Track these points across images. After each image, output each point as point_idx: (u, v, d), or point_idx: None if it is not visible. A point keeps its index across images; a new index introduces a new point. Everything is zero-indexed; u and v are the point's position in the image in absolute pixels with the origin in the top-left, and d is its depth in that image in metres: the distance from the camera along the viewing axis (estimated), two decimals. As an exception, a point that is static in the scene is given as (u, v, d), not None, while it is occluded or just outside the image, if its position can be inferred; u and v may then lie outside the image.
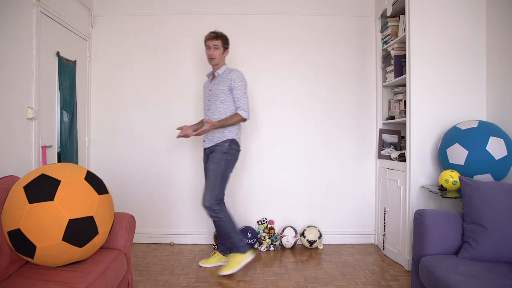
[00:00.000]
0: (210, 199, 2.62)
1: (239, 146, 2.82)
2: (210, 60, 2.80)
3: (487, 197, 1.88)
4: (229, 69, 2.83)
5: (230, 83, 2.72)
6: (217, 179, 2.66)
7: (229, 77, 2.73)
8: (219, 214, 2.64)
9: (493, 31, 2.62)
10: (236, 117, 2.70)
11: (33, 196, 1.59)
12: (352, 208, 3.49)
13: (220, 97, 2.74)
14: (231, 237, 2.68)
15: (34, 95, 2.50)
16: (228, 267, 2.63)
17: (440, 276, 1.67)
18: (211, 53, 2.78)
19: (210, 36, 2.79)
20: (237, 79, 2.72)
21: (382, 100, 3.42)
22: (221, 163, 2.67)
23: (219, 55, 2.79)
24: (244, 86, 2.76)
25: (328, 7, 3.49)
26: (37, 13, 2.52)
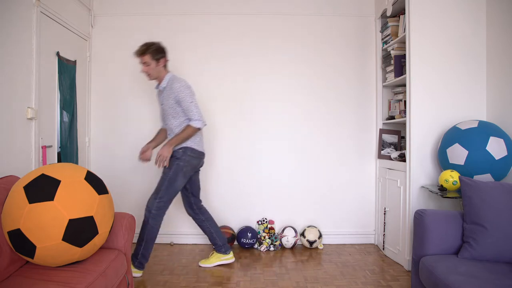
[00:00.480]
0: (153, 200, 2.60)
1: (196, 153, 2.72)
2: (147, 77, 2.69)
3: (487, 197, 1.88)
4: (172, 80, 2.65)
5: (174, 96, 2.60)
6: (164, 183, 2.62)
7: (172, 91, 2.60)
8: (150, 218, 2.58)
9: (493, 31, 2.62)
10: (189, 130, 2.60)
11: (33, 196, 1.59)
12: (352, 208, 3.49)
13: (170, 112, 2.65)
14: (140, 245, 2.58)
15: (34, 95, 2.50)
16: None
17: (440, 276, 1.67)
18: (143, 70, 2.66)
19: (136, 53, 2.64)
20: (181, 90, 2.59)
21: (382, 100, 3.42)
22: (171, 168, 2.62)
23: (153, 69, 2.64)
24: (190, 95, 2.61)
25: (328, 7, 3.49)
26: (37, 13, 2.52)
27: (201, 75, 3.48)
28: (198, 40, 3.48)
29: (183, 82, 2.63)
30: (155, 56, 2.63)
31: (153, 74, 2.66)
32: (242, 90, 3.48)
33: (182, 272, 2.75)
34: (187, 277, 2.65)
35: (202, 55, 3.48)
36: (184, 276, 2.67)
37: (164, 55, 2.69)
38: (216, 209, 3.45)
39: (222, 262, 2.87)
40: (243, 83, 3.49)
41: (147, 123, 3.48)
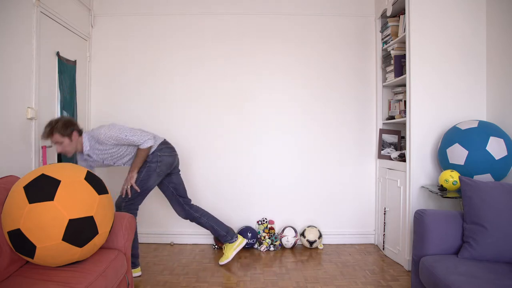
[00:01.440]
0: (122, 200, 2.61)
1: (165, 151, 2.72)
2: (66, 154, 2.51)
3: (487, 197, 1.88)
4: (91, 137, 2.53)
5: (111, 143, 2.53)
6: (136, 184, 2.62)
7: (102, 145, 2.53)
8: None
9: (493, 30, 2.62)
10: (142, 153, 2.59)
11: (33, 196, 1.59)
12: (352, 208, 3.49)
13: (116, 155, 2.62)
14: None
15: (34, 95, 2.50)
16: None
17: (440, 276, 1.67)
18: (60, 151, 2.46)
19: (44, 136, 2.41)
20: (109, 135, 2.49)
21: (382, 100, 3.42)
22: (142, 170, 2.64)
23: (68, 145, 2.43)
24: (117, 134, 2.50)
25: (328, 7, 3.49)
26: (37, 13, 2.52)
27: (201, 74, 3.48)
28: (198, 40, 3.48)
29: (103, 130, 2.51)
30: (64, 132, 2.40)
31: (71, 149, 2.48)
32: (241, 90, 3.48)
33: (182, 272, 2.75)
34: (187, 277, 2.65)
35: (202, 55, 3.47)
36: (184, 276, 2.67)
37: (74, 127, 2.46)
38: (216, 209, 3.44)
39: (237, 250, 2.90)
40: (242, 83, 3.48)
41: (147, 123, 3.47)
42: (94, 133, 2.54)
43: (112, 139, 2.51)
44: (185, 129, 3.48)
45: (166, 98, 3.48)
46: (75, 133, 2.46)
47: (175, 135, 3.45)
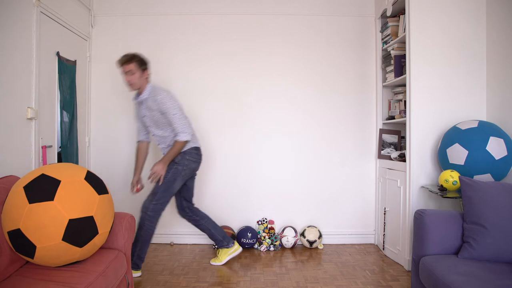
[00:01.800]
0: (149, 202, 2.59)
1: (196, 156, 2.74)
2: (129, 86, 2.62)
3: (487, 197, 1.88)
4: (154, 90, 2.61)
5: (157, 108, 2.57)
6: (161, 186, 2.61)
7: (156, 103, 2.57)
8: (146, 220, 2.58)
9: (493, 31, 2.62)
10: (178, 145, 2.59)
11: (33, 196, 1.59)
12: (352, 208, 3.49)
13: (160, 122, 2.63)
14: (136, 246, 2.57)
15: (34, 95, 2.50)
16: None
17: (440, 276, 1.67)
18: (127, 79, 2.58)
19: (122, 61, 2.57)
20: (164, 102, 2.55)
21: (382, 100, 3.42)
22: (170, 171, 2.63)
23: (137, 79, 2.58)
24: (174, 106, 2.58)
25: (328, 7, 3.49)
26: (37, 13, 2.52)
27: (200, 74, 3.48)
28: (198, 40, 3.48)
29: (165, 93, 2.58)
30: (141, 66, 2.60)
31: (137, 84, 2.60)
32: (241, 90, 3.48)
33: (182, 272, 2.75)
34: (187, 277, 2.65)
35: (201, 55, 3.47)
36: (184, 276, 2.67)
37: (147, 67, 2.65)
38: (216, 209, 3.45)
39: (232, 256, 2.89)
40: (242, 83, 3.48)
41: (147, 123, 3.48)
42: (157, 88, 2.63)
43: (164, 104, 2.54)
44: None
45: (166, 98, 3.47)
46: (146, 72, 2.63)
47: (175, 135, 3.46)
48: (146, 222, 2.58)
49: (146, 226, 2.58)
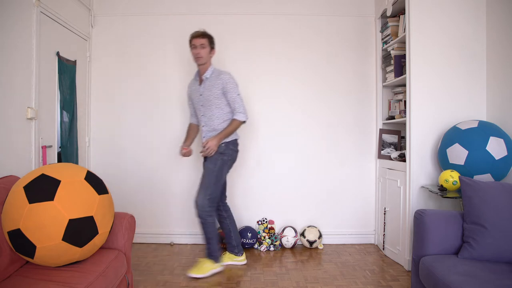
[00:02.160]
0: (203, 198, 2.61)
1: (237, 146, 2.80)
2: (197, 59, 2.69)
3: (487, 197, 1.88)
4: (217, 71, 2.74)
5: (222, 87, 2.65)
6: (211, 179, 2.65)
7: (219, 80, 2.66)
8: (207, 216, 2.63)
9: (493, 31, 2.62)
10: (235, 124, 2.66)
11: (33, 196, 1.59)
12: (352, 208, 3.49)
13: (214, 102, 2.68)
14: (210, 243, 2.67)
15: (34, 95, 2.49)
16: (198, 270, 2.63)
17: (440, 276, 1.67)
18: (197, 51, 2.67)
19: (196, 34, 2.69)
20: (229, 81, 2.65)
21: (382, 100, 3.42)
22: (216, 163, 2.66)
23: (206, 54, 2.69)
24: (237, 87, 2.69)
25: (328, 7, 3.49)
26: (37, 13, 2.52)
27: (201, 75, 3.48)
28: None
29: (231, 75, 2.70)
30: (211, 43, 2.73)
31: (204, 58, 2.69)
32: (240, 91, 3.47)
33: (182, 272, 2.75)
34: (187, 277, 2.65)
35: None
36: (184, 276, 2.67)
37: (214, 48, 2.77)
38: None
39: (234, 263, 2.88)
40: (242, 83, 3.47)
41: (147, 123, 3.48)
42: (220, 69, 2.75)
43: (229, 83, 2.64)
44: (184, 128, 3.48)
45: (166, 98, 3.48)
46: (214, 51, 2.77)
47: (175, 135, 3.46)
48: (208, 219, 2.64)
49: (209, 221, 2.65)
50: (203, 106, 2.74)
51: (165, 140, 3.47)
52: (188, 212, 3.46)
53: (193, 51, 2.70)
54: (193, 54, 2.70)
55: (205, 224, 2.64)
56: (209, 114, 2.71)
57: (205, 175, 2.68)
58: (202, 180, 2.69)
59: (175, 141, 3.46)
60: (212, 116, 2.71)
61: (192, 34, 2.72)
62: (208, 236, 2.67)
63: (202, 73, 2.74)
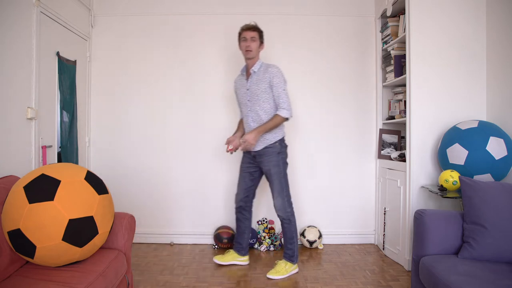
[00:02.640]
0: (283, 201, 2.66)
1: (285, 142, 2.78)
2: (247, 52, 2.65)
3: (487, 197, 1.88)
4: (266, 64, 2.70)
5: (269, 80, 2.61)
6: (283, 181, 2.67)
7: (267, 73, 2.62)
8: (290, 216, 2.69)
9: (493, 31, 2.62)
10: (277, 120, 2.60)
11: (33, 196, 1.59)
12: (352, 208, 3.49)
13: (262, 96, 2.63)
14: (293, 242, 2.70)
15: (34, 95, 2.49)
16: (278, 272, 2.64)
17: (440, 276, 1.67)
18: (247, 44, 2.63)
19: (247, 27, 2.68)
20: (277, 75, 2.61)
21: (382, 100, 3.42)
22: (279, 164, 2.67)
23: (256, 48, 2.66)
24: (284, 83, 2.64)
25: (328, 7, 3.49)
26: (37, 13, 2.52)
27: (201, 75, 3.48)
28: (198, 40, 3.48)
29: (279, 69, 2.66)
30: (261, 37, 2.71)
31: (254, 51, 2.66)
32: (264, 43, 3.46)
33: (182, 272, 2.75)
34: (187, 277, 2.65)
35: (202, 55, 3.47)
36: (184, 276, 2.67)
37: (263, 42, 2.75)
38: (216, 209, 3.45)
39: (237, 263, 2.87)
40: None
41: (147, 123, 3.48)
42: (267, 63, 2.71)
43: (277, 77, 2.60)
44: (185, 129, 3.48)
45: (166, 98, 3.48)
46: (263, 45, 2.75)
47: (176, 135, 3.46)
48: (292, 218, 2.70)
49: (293, 221, 2.71)
50: (250, 101, 2.69)
51: (165, 140, 3.47)
52: (188, 212, 3.47)
53: (242, 43, 2.68)
54: (243, 47, 2.67)
55: (290, 225, 2.70)
56: (256, 108, 2.66)
57: (275, 180, 2.66)
58: (271, 186, 2.69)
59: (175, 140, 3.47)
60: (259, 111, 2.66)
61: (242, 26, 2.70)
62: (291, 235, 2.71)
63: (250, 67, 2.70)
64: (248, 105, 2.71)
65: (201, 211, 3.47)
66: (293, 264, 2.70)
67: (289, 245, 2.71)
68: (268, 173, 2.69)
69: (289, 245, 2.71)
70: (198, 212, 3.44)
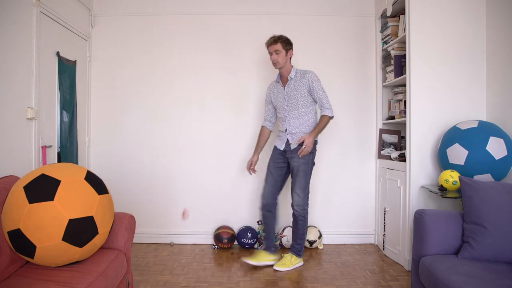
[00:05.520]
0: (303, 198, 2.75)
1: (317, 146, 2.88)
2: (275, 65, 2.79)
3: (487, 197, 1.88)
4: (300, 71, 2.81)
5: (308, 85, 2.73)
6: (307, 179, 2.78)
7: (305, 79, 2.74)
8: (306, 214, 2.79)
9: (493, 31, 2.62)
10: (326, 120, 2.73)
11: (33, 196, 1.59)
12: (352, 208, 3.49)
13: (300, 101, 2.76)
14: (303, 238, 2.83)
15: (34, 95, 2.50)
16: (284, 265, 2.79)
17: (440, 276, 1.67)
18: (273, 58, 2.76)
19: (269, 41, 2.78)
20: (315, 79, 2.74)
21: (382, 100, 3.42)
22: (309, 163, 2.77)
23: (283, 58, 2.76)
24: (322, 85, 2.77)
25: (328, 7, 3.49)
26: (37, 13, 2.52)
27: (201, 75, 3.48)
28: (198, 40, 3.48)
29: (314, 73, 2.77)
30: (286, 46, 2.76)
31: (281, 62, 2.75)
32: (240, 91, 3.48)
33: (182, 272, 2.75)
34: (187, 277, 2.66)
35: (202, 55, 3.47)
36: (184, 276, 2.67)
37: (292, 48, 2.81)
38: (216, 209, 3.45)
39: (269, 263, 2.85)
40: (241, 84, 3.48)
41: (147, 123, 3.48)
42: (303, 70, 2.81)
43: (316, 81, 2.73)
44: (185, 129, 3.48)
45: (166, 98, 3.48)
46: (290, 52, 2.80)
47: (176, 135, 3.46)
48: (307, 216, 2.81)
49: (307, 219, 2.82)
50: (288, 105, 2.81)
51: (165, 140, 3.47)
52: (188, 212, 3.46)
53: (270, 57, 2.79)
54: (271, 60, 2.79)
55: (305, 222, 2.80)
56: (294, 112, 2.79)
57: (301, 177, 2.75)
58: (296, 181, 2.77)
59: (175, 140, 3.47)
60: (297, 115, 2.79)
61: (266, 41, 2.79)
62: (302, 232, 2.81)
63: (286, 75, 2.82)
64: (286, 109, 2.83)
65: (201, 211, 3.47)
66: (298, 258, 2.83)
67: (299, 241, 2.83)
68: (296, 169, 2.77)
69: (299, 241, 2.83)
70: (198, 212, 3.43)
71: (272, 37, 2.77)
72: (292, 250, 2.86)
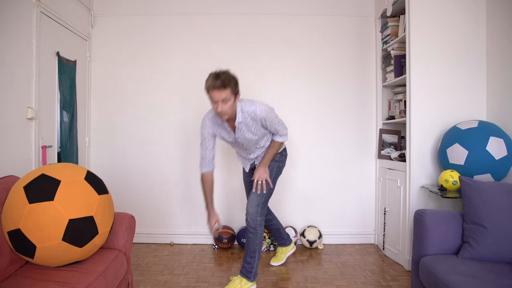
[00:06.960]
0: (257, 208, 2.39)
1: (286, 150, 2.66)
2: (221, 117, 2.17)
3: (487, 197, 1.88)
4: (246, 110, 2.23)
5: (261, 122, 2.28)
6: (269, 191, 2.47)
7: (255, 119, 2.25)
8: (257, 226, 2.38)
9: (493, 31, 2.62)
10: (277, 147, 2.45)
11: (33, 196, 1.59)
12: (352, 208, 3.49)
13: (258, 137, 2.38)
14: (254, 256, 2.38)
15: (34, 95, 2.50)
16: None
17: (440, 276, 1.67)
18: (220, 110, 2.10)
19: (213, 85, 2.06)
20: (267, 116, 2.26)
21: (382, 100, 3.42)
22: (272, 171, 2.55)
23: (231, 107, 2.14)
24: (274, 114, 2.34)
25: (328, 7, 3.49)
26: (37, 13, 2.52)
27: (202, 76, 3.48)
28: (199, 40, 3.48)
29: (265, 106, 2.26)
30: (235, 89, 2.13)
31: (230, 112, 2.15)
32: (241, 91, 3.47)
33: (182, 272, 2.75)
34: (187, 277, 2.66)
35: (202, 55, 3.47)
36: (184, 276, 2.67)
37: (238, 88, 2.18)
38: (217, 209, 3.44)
39: (290, 253, 2.96)
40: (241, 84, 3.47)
41: (147, 123, 3.48)
42: (246, 103, 2.23)
43: (267, 118, 2.25)
44: (185, 129, 3.48)
45: (166, 98, 3.48)
46: (239, 95, 2.18)
47: (176, 135, 3.46)
48: (259, 230, 2.39)
49: (259, 233, 2.39)
50: (246, 144, 2.44)
51: (165, 140, 3.47)
52: (188, 212, 3.46)
53: (213, 105, 2.15)
54: (214, 108, 2.16)
55: (256, 236, 2.37)
56: (253, 148, 2.50)
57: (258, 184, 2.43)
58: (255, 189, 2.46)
59: (175, 140, 3.46)
60: (256, 149, 2.52)
61: (208, 83, 2.09)
62: (255, 249, 2.37)
63: (232, 121, 2.30)
64: (244, 147, 2.49)
65: (201, 211, 3.45)
66: (249, 282, 2.38)
67: (249, 259, 2.37)
68: None
69: (249, 259, 2.37)
70: (198, 212, 3.43)
71: (217, 78, 2.05)
72: (241, 271, 2.41)
